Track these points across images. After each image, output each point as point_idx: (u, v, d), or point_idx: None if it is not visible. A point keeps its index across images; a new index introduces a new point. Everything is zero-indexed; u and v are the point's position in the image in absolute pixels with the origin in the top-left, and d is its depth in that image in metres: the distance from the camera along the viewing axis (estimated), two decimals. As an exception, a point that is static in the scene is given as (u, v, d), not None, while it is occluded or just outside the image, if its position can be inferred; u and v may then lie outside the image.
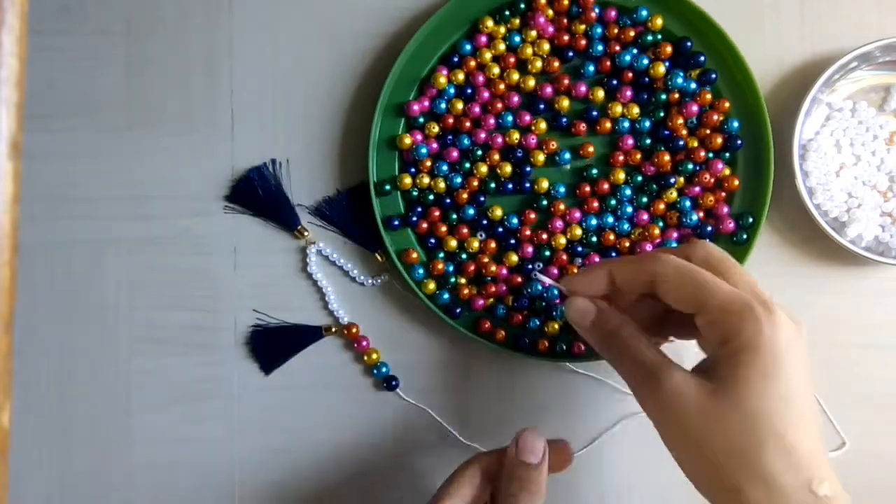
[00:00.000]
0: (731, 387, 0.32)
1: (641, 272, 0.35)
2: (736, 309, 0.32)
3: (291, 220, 0.48)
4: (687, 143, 0.46)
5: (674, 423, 0.33)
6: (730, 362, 0.32)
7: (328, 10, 0.48)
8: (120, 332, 0.47)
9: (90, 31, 0.48)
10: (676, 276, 0.34)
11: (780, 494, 0.31)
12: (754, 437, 0.31)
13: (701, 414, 0.32)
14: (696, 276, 0.34)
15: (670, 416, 0.33)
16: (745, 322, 0.32)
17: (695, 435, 0.32)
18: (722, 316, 0.33)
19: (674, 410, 0.33)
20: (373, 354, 0.47)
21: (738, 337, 0.32)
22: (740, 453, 0.31)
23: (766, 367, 0.32)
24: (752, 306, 0.32)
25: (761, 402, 0.31)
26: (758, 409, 0.31)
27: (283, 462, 0.48)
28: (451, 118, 0.47)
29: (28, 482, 0.47)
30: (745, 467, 0.31)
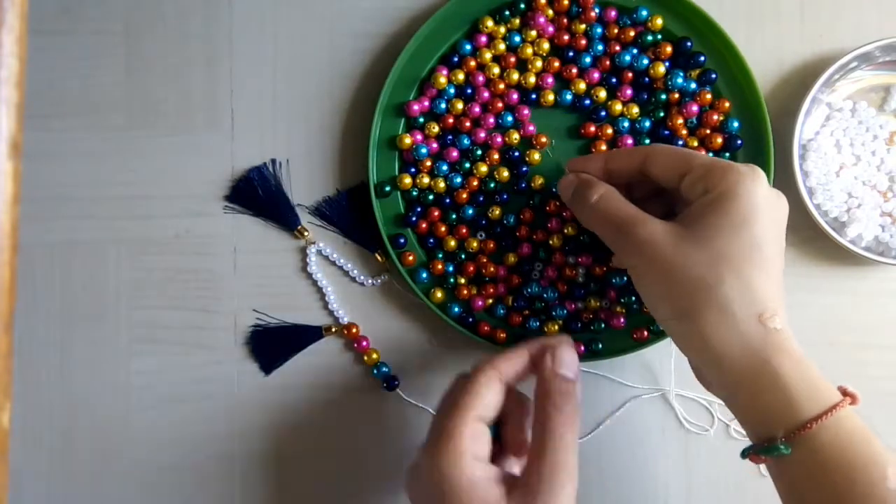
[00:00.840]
0: (702, 229, 0.35)
1: (634, 155, 0.40)
2: (720, 165, 0.36)
3: (291, 220, 0.48)
4: (687, 143, 0.46)
5: (647, 262, 0.36)
6: (706, 209, 0.35)
7: (328, 11, 0.48)
8: (120, 332, 0.47)
9: (90, 31, 0.48)
10: (665, 151, 0.39)
11: (731, 319, 0.34)
12: (716, 271, 0.34)
13: (671, 251, 0.35)
14: (683, 150, 0.39)
15: (645, 257, 0.36)
16: (727, 174, 0.35)
17: (663, 269, 0.35)
18: (705, 171, 0.36)
19: (648, 251, 0.36)
20: (373, 354, 0.47)
21: (718, 186, 0.35)
22: (702, 284, 0.34)
23: (739, 213, 0.35)
24: (735, 165, 0.36)
25: (728, 245, 0.34)
26: (723, 250, 0.34)
27: (283, 462, 0.48)
28: (451, 118, 0.47)
29: (28, 482, 0.47)
30: (704, 296, 0.34)
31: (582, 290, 0.46)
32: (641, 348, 0.46)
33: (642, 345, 0.46)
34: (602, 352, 0.46)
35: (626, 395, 0.48)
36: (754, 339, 0.34)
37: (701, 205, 0.36)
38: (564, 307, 0.46)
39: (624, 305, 0.46)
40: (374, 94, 0.47)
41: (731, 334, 0.34)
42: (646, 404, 0.48)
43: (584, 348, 0.46)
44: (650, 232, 0.36)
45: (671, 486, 0.48)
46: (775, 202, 0.36)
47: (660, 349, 0.46)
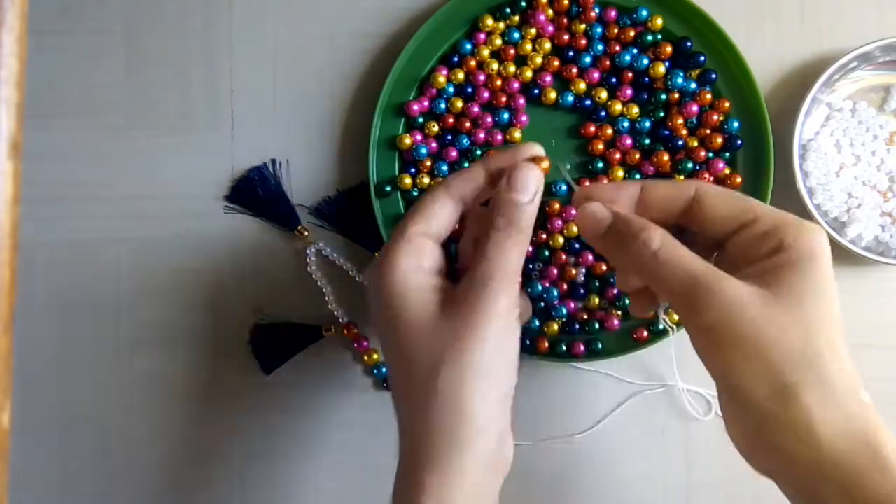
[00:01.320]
0: (791, 294, 0.31)
1: (680, 190, 0.35)
2: (791, 220, 0.33)
3: (291, 220, 0.48)
4: (687, 142, 0.46)
5: (729, 332, 0.32)
6: (788, 270, 0.32)
7: (328, 11, 0.48)
8: (120, 332, 0.47)
9: (90, 31, 0.48)
10: (721, 192, 0.34)
11: (833, 396, 0.30)
12: (813, 342, 0.31)
13: (759, 320, 0.31)
14: (739, 194, 0.35)
15: (726, 325, 0.32)
16: (803, 233, 0.32)
17: (752, 341, 0.31)
18: (776, 225, 0.33)
19: (730, 319, 0.31)
20: (373, 354, 0.47)
21: (796, 246, 0.32)
22: (799, 357, 0.31)
23: (822, 277, 0.32)
24: (805, 222, 0.33)
25: (819, 311, 0.31)
26: (816, 317, 0.31)
27: (283, 462, 0.48)
28: (450, 118, 0.47)
29: (28, 482, 0.47)
30: (804, 370, 0.31)
31: (582, 289, 0.46)
32: (641, 348, 0.46)
33: (642, 345, 0.46)
34: (602, 352, 0.46)
35: (626, 392, 0.48)
36: (856, 416, 0.31)
37: (780, 265, 0.32)
38: (565, 307, 0.46)
39: (619, 307, 0.46)
40: (374, 94, 0.47)
41: (836, 413, 0.30)
42: (646, 403, 0.48)
43: (584, 348, 0.46)
44: (735, 293, 0.32)
45: (671, 486, 0.48)
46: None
47: (660, 348, 0.46)
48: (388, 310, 0.35)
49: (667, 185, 0.35)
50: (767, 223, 0.33)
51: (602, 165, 0.47)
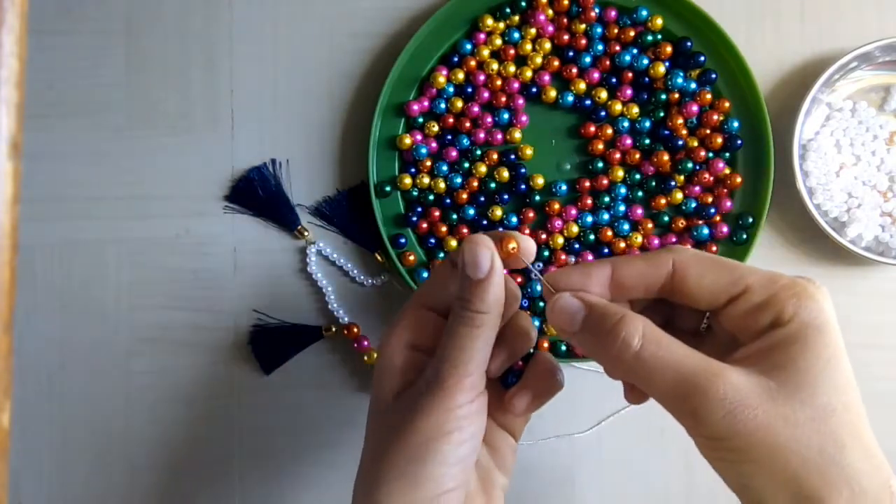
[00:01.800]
0: (796, 379, 0.27)
1: (656, 264, 0.30)
2: (787, 286, 0.27)
3: (291, 220, 0.48)
4: (687, 142, 0.46)
5: (737, 439, 0.27)
6: (793, 349, 0.27)
7: (328, 11, 0.48)
8: (120, 332, 0.47)
9: (90, 31, 0.48)
10: (703, 262, 0.29)
11: (864, 497, 0.26)
12: (833, 437, 0.26)
13: (769, 420, 0.26)
14: (723, 259, 0.29)
15: (732, 432, 0.27)
16: (802, 299, 0.27)
17: (764, 447, 0.26)
18: (771, 295, 0.27)
19: (735, 424, 0.26)
20: (373, 354, 0.47)
21: (797, 317, 0.27)
22: (819, 457, 0.26)
23: (831, 349, 0.27)
24: (800, 282, 0.28)
25: (833, 394, 0.27)
26: (831, 403, 0.26)
27: (283, 462, 0.48)
28: (450, 118, 0.47)
29: (28, 482, 0.47)
30: (827, 473, 0.26)
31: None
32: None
33: (642, 345, 0.46)
34: (602, 352, 0.46)
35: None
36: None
37: (779, 345, 0.27)
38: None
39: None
40: (374, 94, 0.47)
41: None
42: (646, 403, 0.48)
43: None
44: (736, 392, 0.26)
45: (671, 486, 0.48)
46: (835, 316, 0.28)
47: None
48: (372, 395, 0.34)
49: (639, 263, 0.30)
50: (761, 294, 0.28)
51: (602, 165, 0.47)
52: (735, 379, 0.27)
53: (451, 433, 0.30)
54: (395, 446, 0.31)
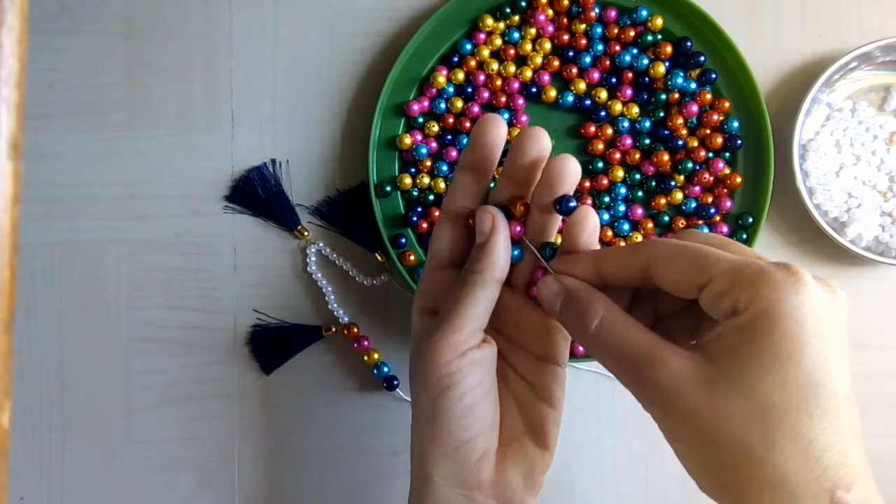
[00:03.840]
0: (736, 370, 0.26)
1: (632, 258, 0.30)
2: (750, 273, 0.26)
3: (291, 220, 0.48)
4: (687, 142, 0.46)
5: (672, 418, 0.28)
6: (738, 338, 0.26)
7: (328, 11, 0.48)
8: (120, 332, 0.47)
9: (90, 31, 0.48)
10: (673, 254, 0.29)
11: (790, 501, 0.25)
12: (764, 433, 0.25)
13: (701, 405, 0.26)
14: (696, 249, 0.29)
15: (668, 411, 0.28)
16: (759, 287, 0.26)
17: (695, 430, 0.27)
18: (730, 282, 0.27)
19: (670, 403, 0.27)
20: (373, 354, 0.47)
21: (750, 306, 0.26)
22: (746, 452, 0.25)
23: (784, 343, 0.25)
24: (767, 270, 0.26)
25: (775, 391, 0.25)
26: (771, 400, 0.25)
27: (283, 462, 0.48)
28: (450, 118, 0.47)
29: (28, 482, 0.47)
30: (752, 468, 0.25)
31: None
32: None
33: (642, 345, 0.46)
34: (602, 352, 0.46)
35: (625, 392, 0.48)
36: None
37: (729, 332, 0.27)
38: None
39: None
40: (374, 94, 0.47)
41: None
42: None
43: (584, 348, 0.46)
44: (672, 376, 0.27)
45: (671, 486, 0.48)
46: (830, 313, 0.26)
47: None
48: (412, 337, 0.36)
49: (618, 255, 0.31)
50: (723, 283, 0.27)
51: (602, 165, 0.47)
52: (675, 364, 0.27)
53: (448, 389, 0.32)
54: (416, 405, 0.34)
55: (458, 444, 0.32)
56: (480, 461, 0.33)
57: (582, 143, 0.47)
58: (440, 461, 0.33)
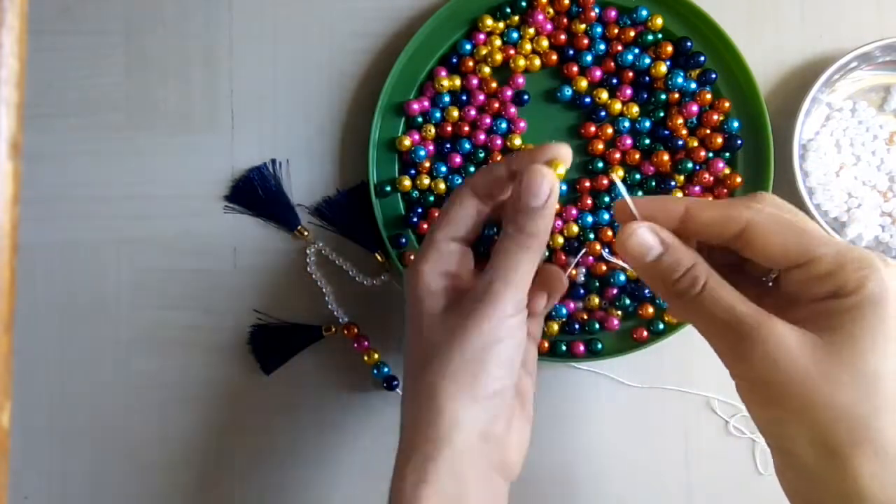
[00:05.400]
0: (849, 343, 0.28)
1: (732, 216, 0.30)
2: (856, 257, 0.29)
3: (291, 220, 0.48)
4: (687, 142, 0.46)
5: (775, 385, 0.29)
6: (847, 316, 0.28)
7: (328, 11, 0.48)
8: (120, 332, 0.47)
9: (90, 31, 0.48)
10: (778, 225, 0.30)
11: (890, 464, 0.27)
12: (871, 401, 0.28)
13: (810, 374, 0.28)
14: (800, 226, 0.30)
15: (772, 377, 0.29)
16: (868, 272, 0.28)
17: (800, 398, 0.28)
18: (838, 266, 0.29)
19: (776, 370, 0.28)
20: (373, 354, 0.47)
21: (861, 289, 0.28)
22: (853, 417, 0.28)
23: (888, 322, 0.28)
24: (873, 257, 0.29)
25: (883, 363, 0.28)
26: (879, 371, 0.28)
27: (283, 462, 0.48)
28: (448, 125, 0.47)
29: (28, 482, 0.47)
30: (857, 433, 0.28)
31: (582, 290, 0.46)
32: (641, 348, 0.46)
33: (642, 345, 0.46)
34: (602, 352, 0.46)
35: (625, 392, 0.48)
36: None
37: (837, 311, 0.29)
38: (565, 307, 0.46)
39: (619, 307, 0.46)
40: (374, 94, 0.47)
41: (888, 480, 0.27)
42: (646, 403, 0.48)
43: (584, 348, 0.46)
44: (783, 342, 0.28)
45: (671, 486, 0.48)
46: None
47: (660, 348, 0.46)
48: (409, 309, 0.37)
49: (715, 211, 0.31)
50: (828, 265, 0.29)
51: (602, 165, 0.47)
52: (782, 329, 0.29)
53: (503, 339, 0.34)
54: (452, 352, 0.34)
55: (495, 390, 0.34)
56: (500, 413, 0.34)
57: (582, 143, 0.47)
58: (472, 406, 0.33)
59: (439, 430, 0.33)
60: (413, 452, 0.33)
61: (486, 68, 0.46)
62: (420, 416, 0.34)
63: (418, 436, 0.34)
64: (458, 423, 0.33)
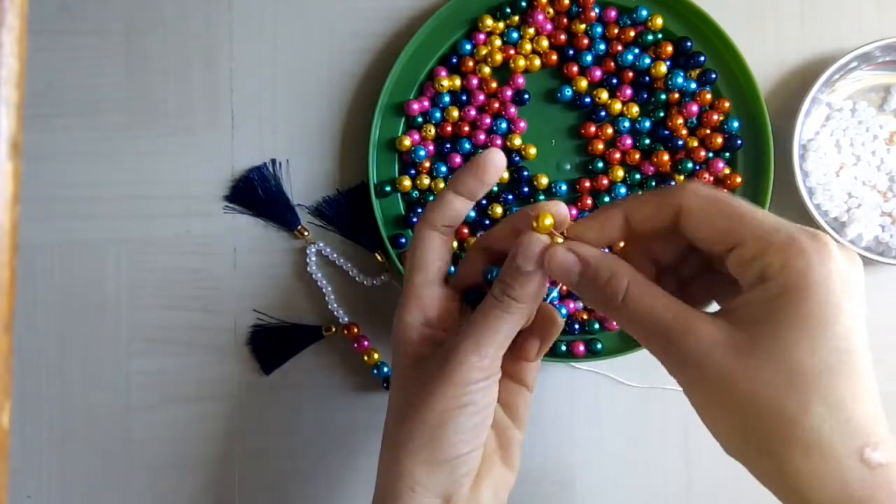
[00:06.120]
0: (770, 336, 0.26)
1: (664, 206, 0.30)
2: (780, 239, 0.27)
3: (291, 220, 0.48)
4: (687, 142, 0.46)
5: (702, 385, 0.28)
6: (769, 305, 0.27)
7: (328, 11, 0.48)
8: (120, 332, 0.47)
9: (90, 31, 0.48)
10: (707, 206, 0.29)
11: (824, 461, 0.26)
12: (798, 396, 0.26)
13: (735, 371, 0.27)
14: (729, 206, 0.28)
15: (698, 378, 0.28)
16: (790, 256, 0.26)
17: (727, 395, 0.27)
18: (761, 249, 0.27)
19: (702, 371, 0.27)
20: (373, 354, 0.47)
21: (782, 274, 0.26)
22: (780, 414, 0.26)
23: (816, 310, 0.26)
24: (798, 237, 0.27)
25: (808, 355, 0.26)
26: (803, 364, 0.26)
27: (283, 462, 0.48)
28: (448, 126, 0.47)
29: (29, 482, 0.47)
30: (786, 430, 0.26)
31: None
32: (641, 348, 0.46)
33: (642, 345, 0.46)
34: (602, 352, 0.46)
35: (625, 392, 0.48)
36: (854, 482, 0.26)
37: (760, 300, 0.27)
38: (565, 307, 0.46)
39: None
40: (374, 94, 0.47)
41: (825, 478, 0.26)
42: (646, 403, 0.48)
43: (584, 348, 0.46)
44: (703, 343, 0.27)
45: (671, 486, 0.48)
46: (854, 280, 0.27)
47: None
48: (392, 356, 0.36)
49: (648, 204, 0.30)
50: (753, 247, 0.27)
51: (602, 165, 0.47)
52: (705, 331, 0.27)
53: (465, 406, 0.32)
54: (415, 412, 0.33)
55: (456, 455, 0.33)
56: (466, 476, 0.34)
57: (582, 143, 0.47)
58: (431, 471, 0.33)
59: (401, 495, 0.33)
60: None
61: (486, 68, 0.47)
62: (385, 476, 0.34)
63: (384, 493, 0.34)
64: (416, 486, 0.33)
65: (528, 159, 0.47)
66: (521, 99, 0.47)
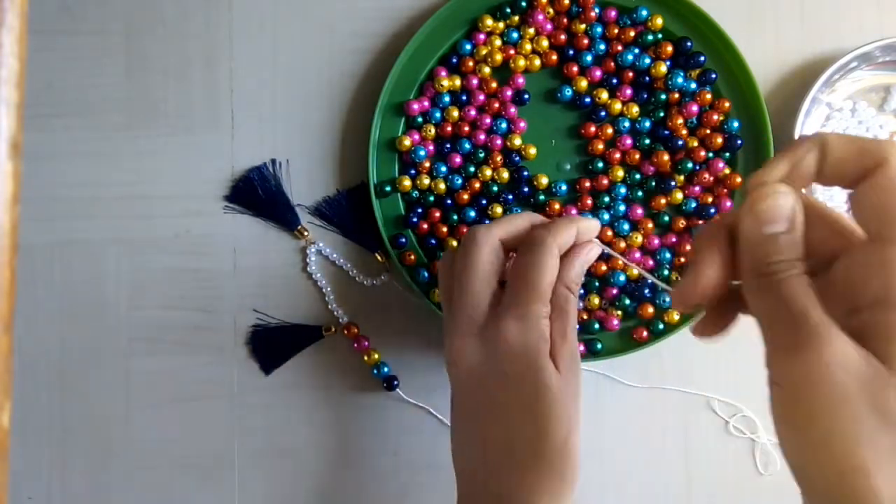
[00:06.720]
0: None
1: (867, 153, 0.26)
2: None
3: (291, 220, 0.48)
4: (686, 142, 0.46)
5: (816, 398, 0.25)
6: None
7: (328, 11, 0.48)
8: (120, 332, 0.47)
9: (90, 31, 0.48)
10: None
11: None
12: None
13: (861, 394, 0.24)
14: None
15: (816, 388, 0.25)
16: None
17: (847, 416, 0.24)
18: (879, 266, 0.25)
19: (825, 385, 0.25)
20: (373, 354, 0.47)
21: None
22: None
23: None
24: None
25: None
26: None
27: (283, 462, 0.48)
28: (448, 126, 0.47)
29: (28, 482, 0.47)
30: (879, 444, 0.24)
31: (582, 289, 0.46)
32: (641, 348, 0.46)
33: (642, 345, 0.46)
34: (602, 352, 0.46)
35: (625, 392, 0.48)
36: None
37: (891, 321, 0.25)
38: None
39: (619, 307, 0.46)
40: (374, 94, 0.47)
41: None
42: (646, 403, 0.48)
43: (584, 348, 0.46)
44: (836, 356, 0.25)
45: (671, 486, 0.48)
46: None
47: (660, 348, 0.46)
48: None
49: (855, 143, 0.27)
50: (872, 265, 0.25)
51: (602, 165, 0.47)
52: (841, 345, 0.25)
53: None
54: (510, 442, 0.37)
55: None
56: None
57: (582, 142, 0.47)
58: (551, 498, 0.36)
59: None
60: None
61: (486, 68, 0.47)
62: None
63: None
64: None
65: (528, 159, 0.47)
66: (521, 99, 0.47)
